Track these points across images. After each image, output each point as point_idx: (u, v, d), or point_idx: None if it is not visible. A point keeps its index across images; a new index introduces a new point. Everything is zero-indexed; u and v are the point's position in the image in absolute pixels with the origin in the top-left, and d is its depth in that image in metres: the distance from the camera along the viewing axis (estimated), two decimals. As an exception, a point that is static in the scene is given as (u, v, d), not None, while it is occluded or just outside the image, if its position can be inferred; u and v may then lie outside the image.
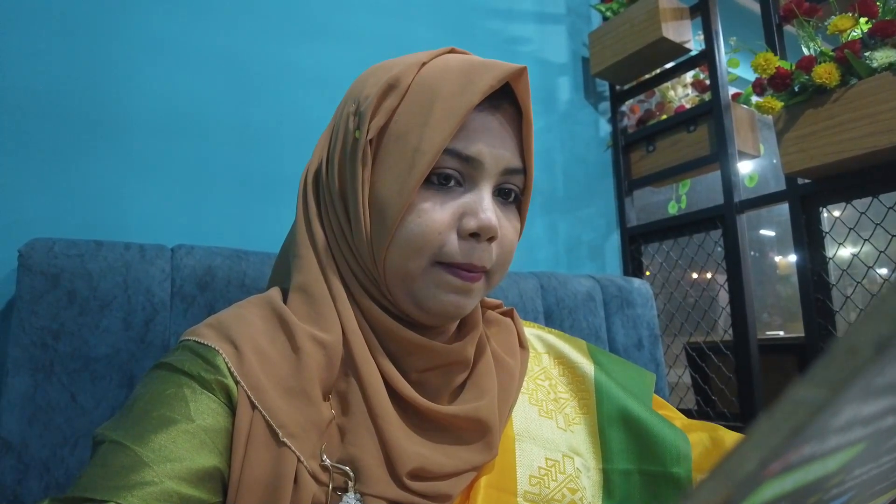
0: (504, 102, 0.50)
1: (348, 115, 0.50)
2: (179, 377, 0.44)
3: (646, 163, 1.63)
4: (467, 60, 0.49)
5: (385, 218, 0.46)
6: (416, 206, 0.46)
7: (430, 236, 0.46)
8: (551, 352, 0.64)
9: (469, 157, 0.47)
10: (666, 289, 1.59)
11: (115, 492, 0.37)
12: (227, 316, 0.48)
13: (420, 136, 0.46)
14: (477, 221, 0.46)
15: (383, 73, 0.49)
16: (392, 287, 0.48)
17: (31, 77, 0.85)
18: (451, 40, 1.39)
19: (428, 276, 0.47)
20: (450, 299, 0.47)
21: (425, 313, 0.49)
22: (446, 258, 0.46)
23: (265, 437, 0.42)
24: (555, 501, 0.50)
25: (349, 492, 0.44)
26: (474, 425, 0.49)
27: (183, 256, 0.80)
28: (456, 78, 0.47)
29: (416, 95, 0.47)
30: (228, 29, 1.06)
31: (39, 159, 0.84)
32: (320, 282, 0.49)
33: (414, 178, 0.45)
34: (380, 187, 0.47)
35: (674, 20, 1.47)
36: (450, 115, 0.45)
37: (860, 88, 1.06)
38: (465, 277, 0.47)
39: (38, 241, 0.72)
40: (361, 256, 0.49)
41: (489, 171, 0.48)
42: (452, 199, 0.47)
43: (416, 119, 0.46)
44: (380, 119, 0.47)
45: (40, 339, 0.69)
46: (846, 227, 1.18)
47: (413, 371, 0.50)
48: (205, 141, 1.00)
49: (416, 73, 0.48)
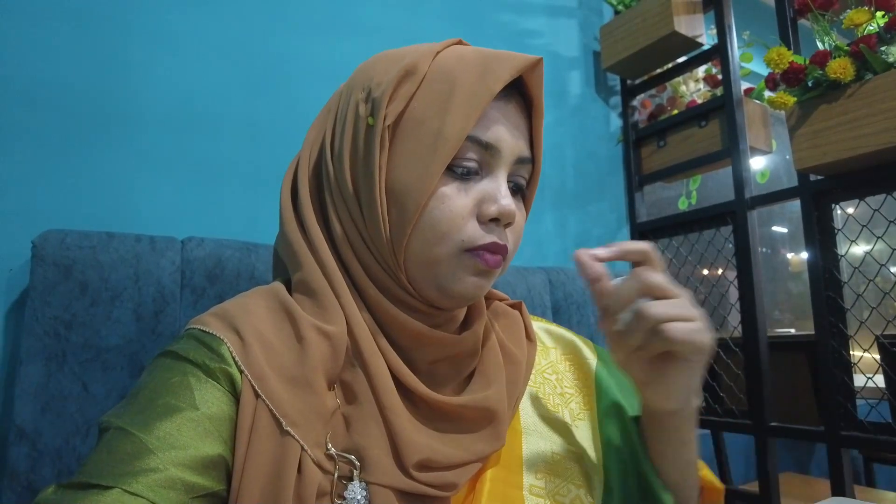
0: (515, 93, 0.50)
1: (357, 102, 0.49)
2: (184, 365, 0.44)
3: (656, 158, 1.62)
4: (480, 51, 0.50)
5: (406, 205, 0.46)
6: (438, 191, 0.47)
7: (455, 221, 0.47)
8: (560, 345, 0.64)
9: (488, 143, 0.48)
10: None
11: (120, 478, 0.37)
12: (232, 306, 0.48)
13: (442, 122, 0.46)
14: (498, 207, 0.47)
15: (393, 61, 0.49)
16: (413, 273, 0.49)
17: (44, 71, 0.86)
18: (461, 33, 1.39)
19: (453, 260, 0.47)
20: (472, 281, 0.48)
21: (446, 297, 0.49)
22: (471, 243, 0.47)
23: (269, 426, 0.42)
24: (560, 496, 0.50)
25: (354, 480, 0.44)
26: (483, 414, 0.50)
27: (193, 248, 0.81)
28: (474, 67, 0.47)
29: (434, 82, 0.48)
30: (239, 23, 1.06)
31: (53, 152, 0.85)
32: (319, 276, 0.49)
33: (437, 163, 0.46)
34: (399, 173, 0.47)
35: (686, 14, 1.45)
36: (471, 102, 0.46)
37: (875, 84, 1.05)
38: (490, 261, 0.48)
39: (51, 233, 0.73)
40: (376, 244, 0.49)
41: (505, 159, 0.49)
42: (472, 186, 0.48)
43: (436, 105, 0.47)
44: (397, 105, 0.47)
45: (53, 329, 0.70)
46: (859, 225, 1.17)
47: (421, 362, 0.51)
48: (216, 134, 1.00)
49: (431, 60, 0.49)
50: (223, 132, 1.01)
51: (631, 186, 1.66)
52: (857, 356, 1.17)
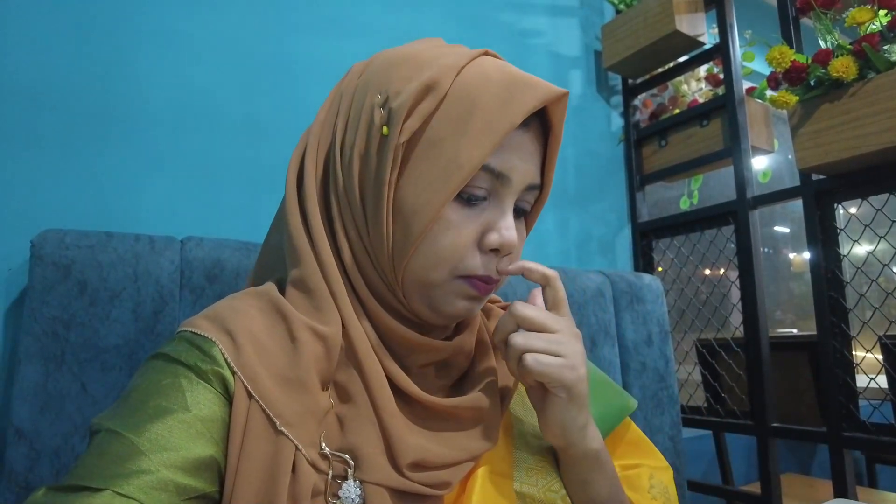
0: (534, 118, 0.50)
1: (373, 105, 0.48)
2: (176, 367, 0.44)
3: (658, 157, 1.61)
4: (507, 72, 0.48)
5: (411, 226, 0.46)
6: (445, 217, 0.47)
7: (457, 251, 0.47)
8: None
9: (500, 172, 0.47)
10: (677, 285, 1.57)
11: (112, 480, 0.37)
12: (224, 307, 0.48)
13: (457, 148, 0.45)
14: (500, 238, 0.48)
15: (415, 69, 0.48)
16: (408, 292, 0.49)
17: (43, 70, 0.86)
18: (463, 33, 1.38)
19: (448, 286, 0.48)
20: (464, 305, 0.49)
21: (437, 316, 0.50)
22: (467, 271, 0.48)
23: (263, 426, 0.42)
24: (551, 492, 0.51)
25: (349, 479, 0.44)
26: (475, 414, 0.51)
27: (192, 248, 0.81)
28: (498, 91, 0.46)
29: (455, 103, 0.46)
30: (239, 22, 1.06)
31: (52, 152, 0.85)
32: (318, 276, 0.49)
33: (448, 190, 0.45)
34: (407, 193, 0.46)
35: (688, 13, 1.45)
36: (491, 131, 0.45)
37: (878, 83, 1.04)
38: (482, 289, 0.49)
39: (50, 232, 0.73)
40: (377, 256, 0.49)
41: (515, 188, 0.49)
42: (478, 214, 0.48)
43: (454, 128, 0.46)
44: (414, 122, 0.46)
45: (52, 328, 0.70)
46: (861, 224, 1.16)
47: (414, 365, 0.51)
48: (215, 134, 1.00)
49: (454, 77, 0.47)
50: (223, 132, 1.01)
51: (632, 186, 1.65)
52: (860, 357, 1.16)
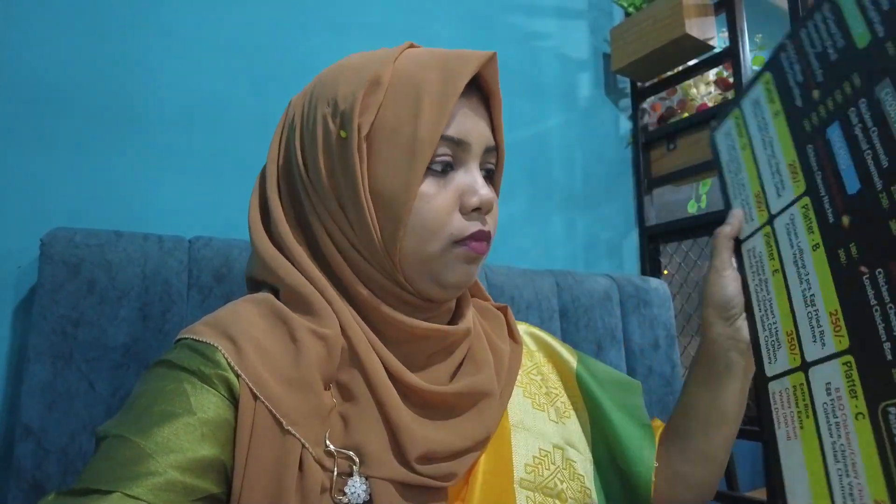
0: (472, 87, 0.52)
1: (324, 116, 0.50)
2: (179, 373, 0.44)
3: (666, 161, 1.61)
4: (436, 53, 0.52)
5: (393, 209, 0.48)
6: (421, 191, 0.49)
7: (441, 218, 0.49)
8: (542, 349, 0.68)
9: (459, 139, 0.50)
10: (684, 289, 1.57)
11: (120, 483, 0.37)
12: (223, 314, 0.49)
13: (415, 126, 0.48)
14: (478, 198, 0.50)
15: (354, 72, 0.51)
16: (408, 271, 0.50)
17: (53, 69, 0.86)
18: (471, 35, 1.39)
19: (446, 254, 0.50)
20: (463, 269, 0.51)
21: (441, 288, 0.51)
22: (459, 235, 0.50)
23: (269, 426, 0.43)
24: (548, 489, 0.53)
25: (354, 476, 0.45)
26: (477, 399, 0.53)
27: (201, 248, 0.81)
28: (435, 69, 0.49)
29: (400, 89, 0.49)
30: (250, 23, 1.06)
31: (61, 151, 0.86)
32: (308, 286, 0.50)
33: (418, 166, 0.48)
34: (381, 180, 0.48)
35: (698, 17, 1.44)
36: (440, 104, 0.48)
37: (890, 88, 1.04)
38: (477, 248, 0.51)
39: (59, 231, 0.73)
40: (368, 249, 0.50)
41: (475, 151, 0.51)
42: (449, 180, 0.50)
43: (406, 111, 0.48)
44: (368, 116, 0.49)
45: (60, 327, 0.70)
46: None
47: (416, 356, 0.52)
48: (224, 134, 1.00)
49: (391, 67, 0.50)
50: (232, 131, 1.01)
51: (640, 189, 1.65)
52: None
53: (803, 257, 0.47)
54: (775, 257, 0.52)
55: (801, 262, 0.47)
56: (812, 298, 0.45)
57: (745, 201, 0.58)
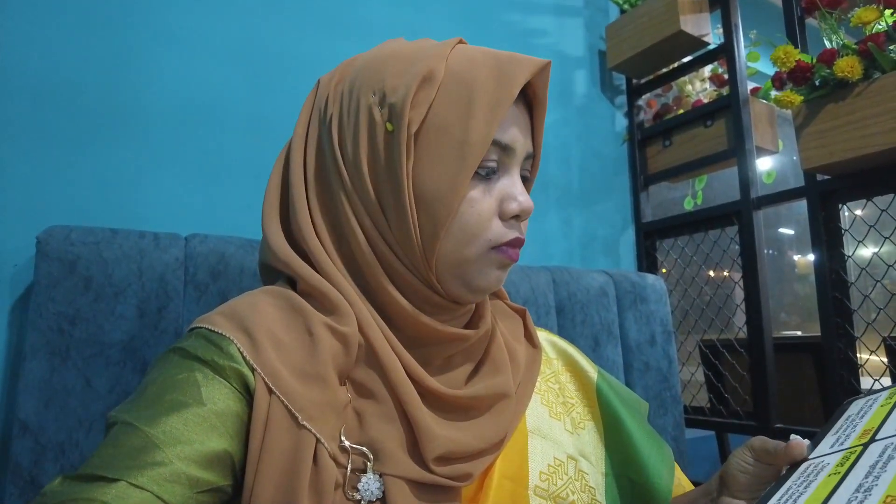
0: (519, 92, 0.51)
1: (369, 106, 0.49)
2: (192, 362, 0.44)
3: (662, 158, 1.61)
4: (489, 53, 0.50)
5: (437, 210, 0.47)
6: (467, 196, 0.48)
7: (483, 224, 0.49)
8: (561, 357, 0.67)
9: (507, 145, 0.50)
10: (681, 285, 1.57)
11: (126, 471, 0.38)
12: (240, 304, 0.48)
13: (466, 128, 0.47)
14: (518, 205, 0.50)
15: (405, 63, 0.49)
16: (442, 275, 0.50)
17: (49, 67, 0.86)
18: (467, 32, 1.39)
19: (482, 259, 0.50)
20: (496, 275, 0.51)
21: (471, 291, 0.51)
22: (497, 241, 0.50)
23: (285, 420, 0.43)
24: (560, 499, 0.53)
25: (368, 472, 0.44)
26: (495, 401, 0.52)
27: (197, 245, 0.81)
28: (489, 70, 0.48)
29: (453, 88, 0.48)
30: (245, 20, 1.06)
31: (57, 148, 0.86)
32: (324, 282, 0.49)
33: (466, 170, 0.47)
34: (426, 180, 0.48)
35: (692, 13, 1.45)
36: (493, 107, 0.47)
37: (883, 82, 1.04)
38: (513, 255, 0.51)
39: (55, 229, 0.73)
40: (404, 248, 0.49)
41: (518, 157, 0.51)
42: (493, 185, 0.50)
43: (458, 111, 0.47)
44: (419, 112, 0.47)
45: (57, 324, 0.70)
46: (866, 225, 1.16)
47: (435, 357, 0.52)
48: (220, 131, 1.01)
49: (444, 64, 0.49)
50: (228, 129, 1.01)
51: (636, 186, 1.65)
52: (864, 358, 1.16)
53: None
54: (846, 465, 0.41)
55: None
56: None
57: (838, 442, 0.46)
